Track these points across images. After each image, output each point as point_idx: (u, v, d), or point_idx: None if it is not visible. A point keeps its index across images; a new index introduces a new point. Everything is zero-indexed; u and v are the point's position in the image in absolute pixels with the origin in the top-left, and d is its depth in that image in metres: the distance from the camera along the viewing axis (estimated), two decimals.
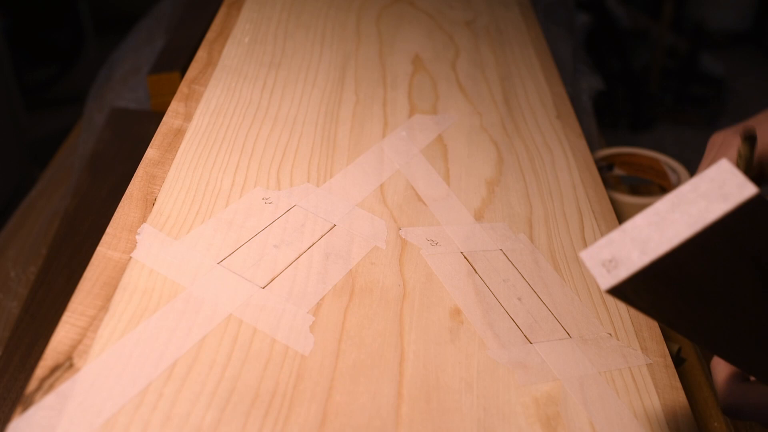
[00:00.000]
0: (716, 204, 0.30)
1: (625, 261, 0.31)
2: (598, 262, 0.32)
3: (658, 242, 0.31)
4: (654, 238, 0.31)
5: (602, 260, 0.32)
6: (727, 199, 0.30)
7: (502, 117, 0.68)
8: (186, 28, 1.05)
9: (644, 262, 0.31)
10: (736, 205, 0.30)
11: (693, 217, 0.30)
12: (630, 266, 0.31)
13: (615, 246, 0.32)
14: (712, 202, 0.30)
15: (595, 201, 0.59)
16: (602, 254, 0.32)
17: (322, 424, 0.36)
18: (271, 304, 0.42)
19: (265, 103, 0.61)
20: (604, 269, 0.32)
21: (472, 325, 0.44)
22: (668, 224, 0.31)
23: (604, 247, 0.32)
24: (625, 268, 0.31)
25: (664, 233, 0.31)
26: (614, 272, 0.31)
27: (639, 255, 0.31)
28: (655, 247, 0.31)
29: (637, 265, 0.31)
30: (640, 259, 0.31)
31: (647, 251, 0.31)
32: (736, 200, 0.30)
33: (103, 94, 1.06)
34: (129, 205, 0.47)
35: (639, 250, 0.31)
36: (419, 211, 0.53)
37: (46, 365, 0.36)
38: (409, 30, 0.81)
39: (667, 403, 0.43)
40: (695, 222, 0.30)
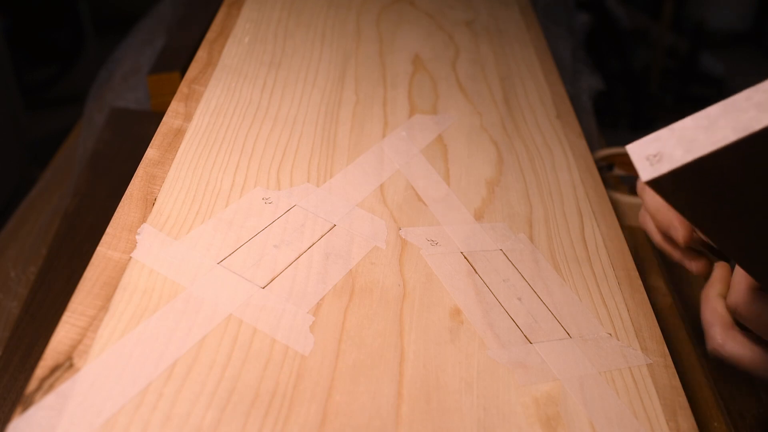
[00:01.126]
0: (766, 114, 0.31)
1: (669, 157, 0.32)
2: (643, 156, 0.33)
3: (703, 143, 0.31)
4: (700, 139, 0.32)
5: (647, 154, 0.33)
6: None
7: (502, 117, 0.68)
8: (186, 28, 1.05)
9: (687, 159, 0.32)
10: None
11: (741, 123, 0.31)
12: (673, 162, 0.32)
13: (661, 143, 0.33)
14: (763, 111, 0.31)
15: (595, 201, 0.59)
16: (648, 149, 0.33)
17: (322, 424, 0.36)
18: (271, 304, 0.42)
19: (265, 103, 0.61)
20: (648, 162, 0.33)
21: (472, 325, 0.44)
22: (716, 128, 0.31)
23: (651, 143, 0.33)
24: (668, 163, 0.32)
25: (711, 136, 0.31)
26: (657, 166, 0.32)
27: (683, 153, 0.32)
28: (699, 147, 0.31)
29: (679, 162, 0.32)
30: (683, 156, 0.32)
31: (692, 150, 0.32)
32: None
33: (103, 94, 1.06)
34: (129, 205, 0.47)
35: (684, 149, 0.32)
36: (419, 211, 0.53)
37: (46, 365, 0.36)
38: (409, 30, 0.81)
39: (667, 403, 0.43)
40: (743, 129, 0.31)
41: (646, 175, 0.33)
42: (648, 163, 0.33)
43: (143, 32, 1.18)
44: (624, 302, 0.50)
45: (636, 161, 0.33)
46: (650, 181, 0.33)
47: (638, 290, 0.51)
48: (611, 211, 0.59)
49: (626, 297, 0.50)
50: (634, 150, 0.34)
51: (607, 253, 0.54)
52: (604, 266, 0.53)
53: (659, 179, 0.33)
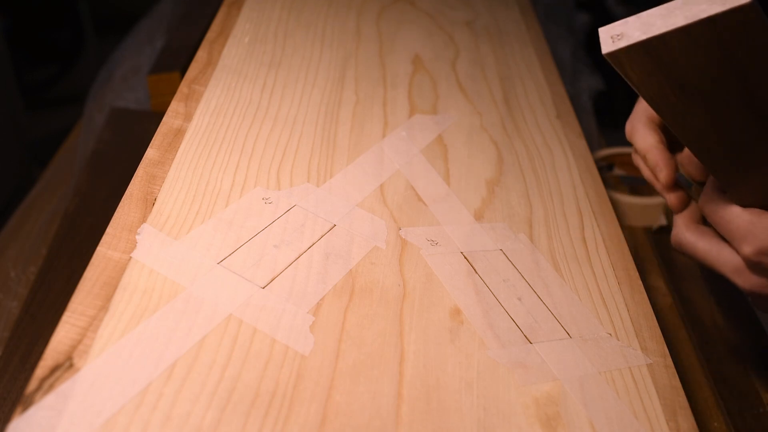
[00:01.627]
0: (715, 5, 0.36)
1: (628, 36, 0.38)
2: (609, 36, 0.39)
3: (658, 27, 0.37)
4: (657, 24, 0.37)
5: (612, 34, 0.38)
6: (725, 3, 0.35)
7: (502, 117, 0.68)
8: (186, 28, 1.05)
9: (640, 38, 0.37)
10: (730, 8, 0.35)
11: (693, 13, 0.36)
12: (629, 40, 0.38)
13: (627, 26, 0.38)
14: (713, 4, 0.36)
15: (595, 201, 0.59)
16: (615, 30, 0.39)
17: (322, 424, 0.36)
18: (271, 304, 0.42)
19: (265, 103, 0.61)
20: (611, 40, 0.38)
21: (472, 325, 0.45)
22: (672, 16, 0.37)
23: (618, 26, 0.39)
24: (625, 40, 0.38)
25: (666, 21, 0.37)
26: (617, 42, 0.38)
27: (640, 33, 0.38)
28: (654, 29, 0.37)
29: (633, 40, 0.38)
30: (639, 36, 0.37)
31: (647, 32, 0.37)
32: (731, 4, 0.35)
33: (103, 94, 1.06)
34: (129, 205, 0.47)
35: (642, 30, 0.38)
36: (419, 211, 0.53)
37: (46, 365, 0.36)
38: (409, 30, 0.81)
39: (667, 403, 0.43)
40: (693, 16, 0.36)
41: (605, 49, 0.38)
42: (611, 40, 0.38)
43: (143, 32, 1.18)
44: (624, 302, 0.50)
45: (602, 40, 0.39)
46: (608, 54, 0.38)
47: (638, 290, 0.51)
48: (611, 211, 0.59)
49: (626, 297, 0.50)
50: (604, 31, 0.39)
51: (607, 253, 0.54)
52: (604, 266, 0.53)
53: (616, 53, 0.38)
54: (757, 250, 0.44)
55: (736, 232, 0.45)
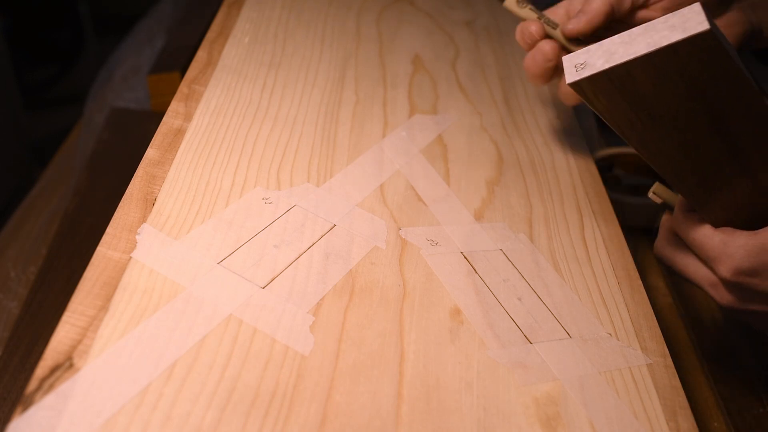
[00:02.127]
0: (675, 33, 0.36)
1: (591, 65, 0.38)
2: (572, 65, 0.39)
3: (620, 55, 0.38)
4: (619, 52, 0.38)
5: (576, 63, 0.39)
6: (685, 30, 0.36)
7: (502, 117, 0.68)
8: (186, 28, 1.05)
9: (604, 67, 0.38)
10: (689, 36, 0.36)
11: (654, 40, 0.37)
12: (593, 69, 0.38)
13: (589, 54, 0.39)
14: (674, 31, 0.36)
15: (595, 201, 0.59)
16: (578, 59, 0.39)
17: (322, 424, 0.36)
18: (271, 304, 0.42)
19: (265, 103, 0.61)
20: (574, 69, 0.39)
21: (472, 325, 0.45)
22: (634, 43, 0.37)
23: (581, 54, 0.39)
24: (589, 69, 0.38)
25: (628, 49, 0.37)
26: (580, 71, 0.39)
27: (603, 62, 0.38)
28: (617, 58, 0.38)
29: (597, 69, 0.38)
30: (602, 65, 0.38)
31: (610, 60, 0.38)
32: (690, 32, 0.36)
33: (103, 94, 1.06)
34: (129, 205, 0.47)
35: (604, 59, 0.38)
36: (419, 211, 0.53)
37: (46, 365, 0.36)
38: (409, 30, 0.81)
39: (667, 403, 0.43)
40: (654, 44, 0.37)
41: (569, 78, 0.39)
42: (574, 69, 0.39)
43: (143, 32, 1.18)
44: (624, 302, 0.50)
45: (566, 69, 0.39)
46: (572, 84, 0.39)
47: (638, 290, 0.51)
48: (611, 211, 0.59)
49: (626, 297, 0.50)
50: (568, 60, 0.39)
51: (607, 253, 0.54)
52: (604, 266, 0.53)
53: (580, 82, 0.39)
54: (733, 270, 0.45)
55: (711, 252, 0.46)
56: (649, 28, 0.37)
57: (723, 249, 0.45)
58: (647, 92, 0.38)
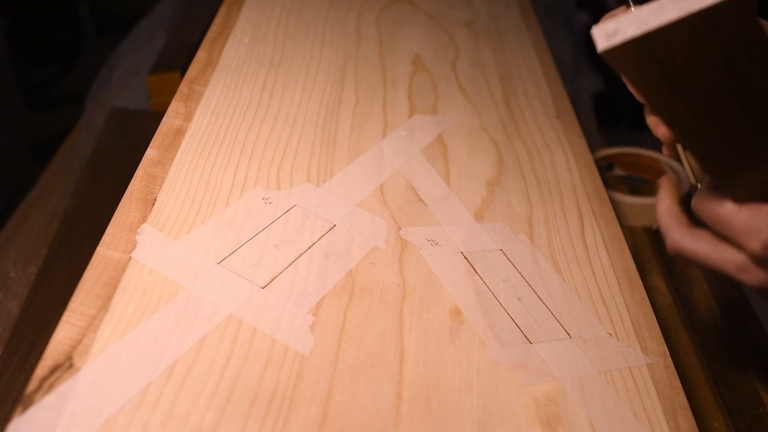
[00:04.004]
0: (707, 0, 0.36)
1: (622, 33, 0.38)
2: (603, 33, 0.39)
3: (652, 22, 0.37)
4: (650, 19, 0.38)
5: (606, 32, 0.39)
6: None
7: (502, 117, 0.68)
8: (186, 28, 1.05)
9: (636, 34, 0.38)
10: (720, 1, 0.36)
11: (685, 7, 0.37)
12: (624, 36, 0.38)
13: (620, 23, 0.38)
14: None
15: (595, 201, 0.59)
16: (608, 27, 0.39)
17: (322, 424, 0.36)
18: (271, 304, 0.42)
19: (265, 103, 0.61)
20: (605, 38, 0.38)
21: (472, 325, 0.45)
22: (665, 10, 0.37)
23: (611, 23, 0.39)
24: (620, 37, 0.38)
25: (660, 16, 0.37)
26: (611, 39, 0.38)
27: (634, 29, 0.38)
28: (648, 24, 0.37)
29: (629, 36, 0.38)
30: (634, 32, 0.38)
31: (641, 27, 0.38)
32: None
33: (103, 94, 1.06)
34: (129, 205, 0.47)
35: (636, 26, 0.38)
36: (419, 211, 0.53)
37: (46, 365, 0.36)
38: (409, 30, 0.81)
39: (667, 403, 0.43)
40: (686, 9, 0.37)
41: (600, 46, 0.38)
42: (605, 38, 0.38)
43: (143, 32, 1.18)
44: (624, 302, 0.50)
45: (596, 38, 0.39)
46: (604, 51, 0.38)
47: (638, 290, 0.51)
48: (611, 211, 0.59)
49: (626, 297, 0.50)
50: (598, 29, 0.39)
51: (607, 253, 0.54)
52: (604, 266, 0.53)
53: (612, 50, 0.38)
54: (764, 244, 0.43)
55: (738, 229, 0.44)
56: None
57: (751, 223, 0.44)
58: (678, 60, 0.39)
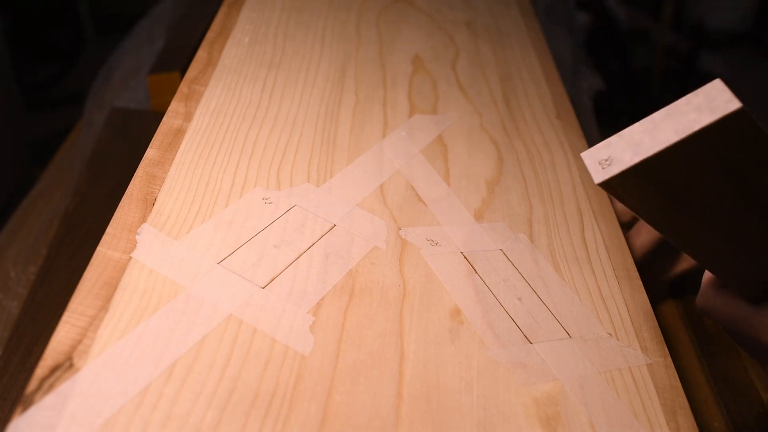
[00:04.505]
0: (704, 115, 0.33)
1: (618, 160, 0.35)
2: (596, 161, 0.36)
3: (648, 145, 0.35)
4: (645, 142, 0.35)
5: (599, 159, 0.36)
6: (714, 111, 0.33)
7: (502, 117, 0.68)
8: (186, 28, 1.05)
9: (634, 161, 0.35)
10: (721, 117, 0.33)
11: (682, 125, 0.34)
12: (622, 164, 0.35)
13: (612, 148, 0.36)
14: (702, 113, 0.33)
15: (595, 201, 0.59)
16: (600, 154, 0.36)
17: (322, 424, 0.36)
18: (271, 304, 0.42)
19: (265, 103, 0.61)
20: (600, 167, 0.36)
21: (472, 325, 0.45)
22: (660, 131, 0.34)
23: (602, 149, 0.36)
24: (617, 165, 0.35)
25: (655, 138, 0.34)
26: (608, 169, 0.35)
27: (631, 155, 0.35)
28: (645, 149, 0.35)
29: (627, 164, 0.35)
30: (632, 159, 0.35)
31: (638, 152, 0.35)
32: (721, 113, 0.33)
33: (103, 94, 1.06)
34: (129, 205, 0.47)
35: (631, 151, 0.35)
36: (419, 211, 0.53)
37: (46, 365, 0.36)
38: (409, 30, 0.81)
39: (667, 403, 0.43)
40: (684, 129, 0.34)
41: (598, 178, 0.36)
42: (600, 167, 0.36)
43: (143, 32, 1.18)
44: (624, 302, 0.50)
45: (589, 166, 0.36)
46: (602, 183, 0.36)
47: (638, 290, 0.51)
48: (611, 211, 0.59)
49: (626, 297, 0.50)
50: (588, 156, 0.36)
51: (607, 253, 0.54)
52: (604, 266, 0.52)
53: (610, 181, 0.35)
54: None
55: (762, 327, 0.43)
56: (672, 112, 0.34)
57: None
58: (680, 179, 0.36)
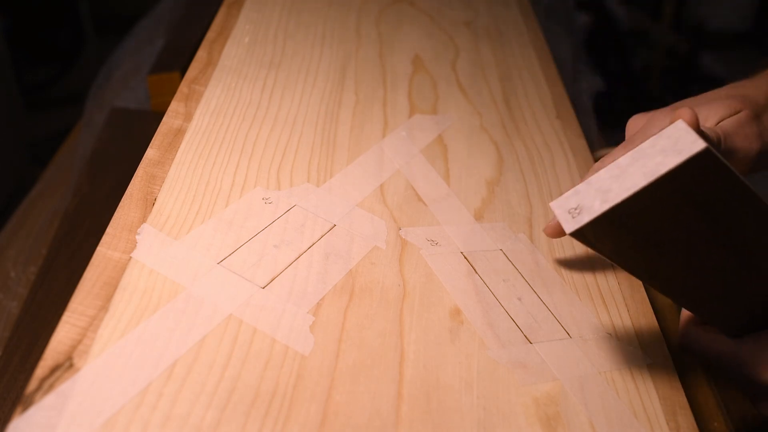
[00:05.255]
0: (670, 158, 0.33)
1: (588, 209, 0.35)
2: (565, 210, 0.35)
3: (617, 192, 0.34)
4: (614, 189, 0.34)
5: (569, 208, 0.35)
6: (680, 153, 0.33)
7: (502, 117, 0.68)
8: (186, 28, 1.05)
9: (604, 209, 0.34)
10: (687, 158, 0.33)
11: (649, 169, 0.33)
12: (591, 213, 0.34)
13: (580, 196, 0.35)
14: (667, 156, 0.33)
15: None
16: (569, 203, 0.35)
17: (322, 424, 0.36)
18: (271, 304, 0.42)
19: (265, 103, 0.61)
20: (570, 216, 0.35)
21: (472, 325, 0.45)
22: (627, 176, 0.34)
23: (570, 197, 0.35)
24: (587, 214, 0.34)
25: (623, 183, 0.34)
26: (578, 218, 0.35)
27: (600, 203, 0.34)
28: (614, 196, 0.34)
29: (597, 212, 0.34)
30: (601, 206, 0.34)
31: (607, 200, 0.34)
32: (687, 154, 0.33)
33: (103, 94, 1.06)
34: (129, 205, 0.47)
35: (600, 199, 0.34)
36: (419, 211, 0.53)
37: (46, 365, 0.36)
38: (409, 30, 0.81)
39: (667, 403, 0.43)
40: (651, 173, 0.33)
41: (569, 228, 0.35)
42: (570, 216, 0.35)
43: (143, 32, 1.18)
44: (624, 302, 0.50)
45: (559, 216, 0.35)
46: (573, 233, 0.35)
47: (638, 290, 0.51)
48: None
49: (626, 297, 0.50)
50: (557, 206, 0.36)
51: None
52: (604, 266, 0.53)
53: (581, 230, 0.35)
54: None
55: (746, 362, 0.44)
56: (638, 156, 0.34)
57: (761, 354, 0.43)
58: (651, 222, 0.36)
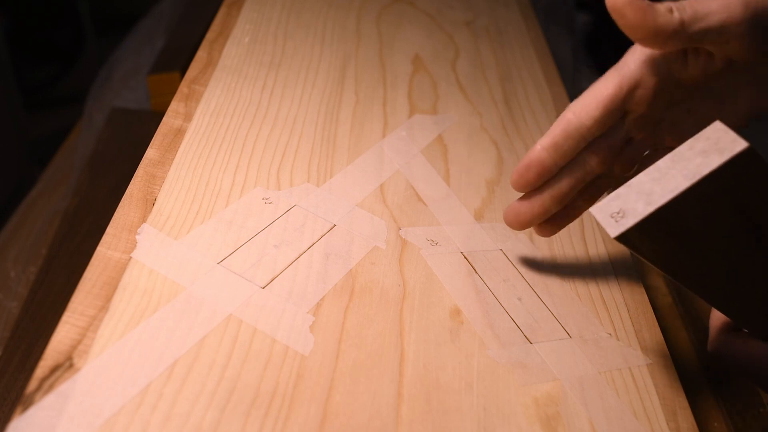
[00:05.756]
0: (712, 158, 0.33)
1: (631, 211, 0.34)
2: (608, 215, 0.35)
3: (660, 194, 0.34)
4: (656, 191, 0.34)
5: (611, 212, 0.35)
6: (722, 153, 0.33)
7: (502, 117, 0.68)
8: (186, 28, 1.05)
9: (648, 211, 0.34)
10: (729, 158, 0.33)
11: (691, 171, 0.33)
12: (636, 215, 0.34)
13: (622, 199, 0.35)
14: (709, 156, 0.33)
15: None
16: (611, 207, 0.35)
17: (322, 424, 0.36)
18: (271, 304, 0.42)
19: (265, 103, 0.61)
20: (613, 220, 0.35)
21: (472, 325, 0.45)
22: (669, 178, 0.34)
23: (612, 201, 0.35)
24: (631, 217, 0.34)
25: (666, 186, 0.34)
26: (622, 221, 0.35)
27: (644, 206, 0.34)
28: (657, 198, 0.34)
29: (642, 215, 0.34)
30: (645, 209, 0.34)
31: (651, 202, 0.34)
32: (729, 153, 0.33)
33: (103, 94, 1.06)
34: (129, 205, 0.47)
35: (644, 202, 0.34)
36: (419, 211, 0.53)
37: (46, 365, 0.36)
38: (409, 30, 0.81)
39: (667, 403, 0.43)
40: (693, 175, 0.33)
41: (613, 232, 0.35)
42: (613, 220, 0.35)
43: (143, 32, 1.18)
44: (624, 302, 0.50)
45: (601, 221, 0.35)
46: (618, 237, 0.35)
47: (638, 290, 0.51)
48: None
49: (626, 297, 0.50)
50: (598, 210, 0.36)
51: (607, 253, 0.54)
52: (604, 266, 0.53)
53: (626, 233, 0.35)
54: None
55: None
56: (677, 158, 0.34)
57: None
58: (694, 224, 0.35)
